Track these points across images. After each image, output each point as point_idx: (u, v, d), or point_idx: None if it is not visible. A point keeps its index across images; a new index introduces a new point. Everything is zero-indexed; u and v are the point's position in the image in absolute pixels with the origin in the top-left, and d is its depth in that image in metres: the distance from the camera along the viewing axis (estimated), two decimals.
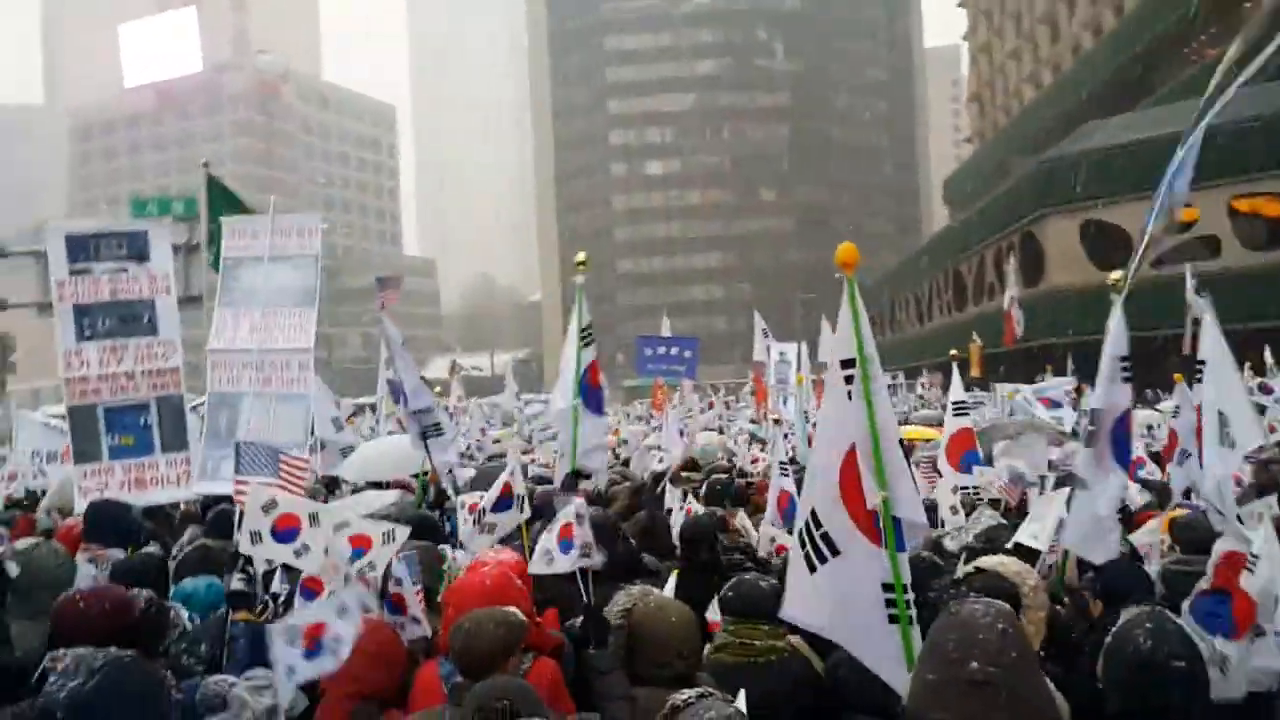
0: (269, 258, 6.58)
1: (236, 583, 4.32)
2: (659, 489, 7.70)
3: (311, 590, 4.05)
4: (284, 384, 6.34)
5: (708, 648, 3.87)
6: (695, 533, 5.60)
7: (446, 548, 5.30)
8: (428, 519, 6.13)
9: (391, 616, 4.01)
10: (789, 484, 6.51)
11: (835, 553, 3.32)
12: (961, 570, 4.00)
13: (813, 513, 3.40)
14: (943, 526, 6.24)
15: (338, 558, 3.80)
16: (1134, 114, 39.27)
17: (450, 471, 7.63)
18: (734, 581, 3.95)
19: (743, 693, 2.69)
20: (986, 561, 3.95)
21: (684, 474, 9.22)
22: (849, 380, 3.29)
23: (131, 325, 6.38)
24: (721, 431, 16.55)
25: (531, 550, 4.66)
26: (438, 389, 17.15)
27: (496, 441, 18.08)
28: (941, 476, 7.61)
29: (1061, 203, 37.13)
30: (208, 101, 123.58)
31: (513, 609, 3.49)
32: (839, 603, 3.32)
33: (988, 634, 2.23)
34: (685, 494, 7.18)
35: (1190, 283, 13.85)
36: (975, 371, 25.18)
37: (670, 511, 6.84)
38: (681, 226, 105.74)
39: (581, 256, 7.90)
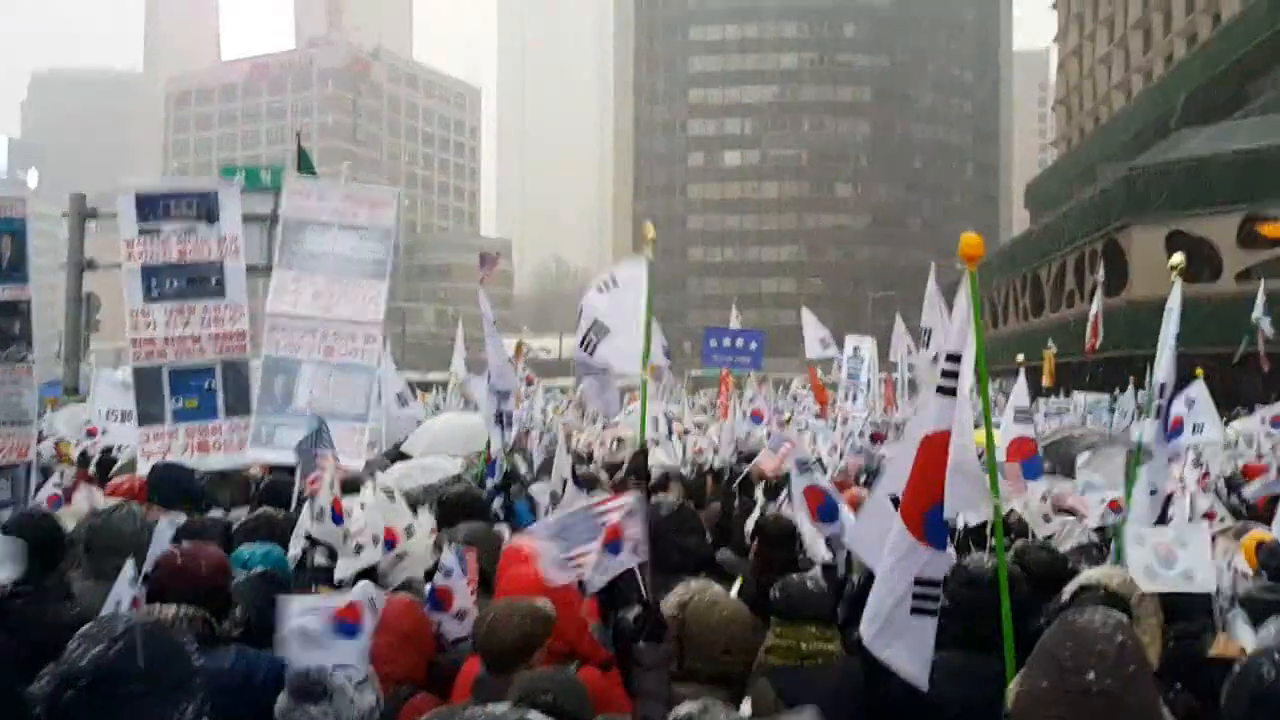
0: (339, 225, 6.47)
1: (320, 557, 4.19)
2: (733, 483, 7.49)
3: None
4: (347, 354, 6.30)
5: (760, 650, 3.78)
6: (775, 530, 5.26)
7: (504, 528, 5.15)
8: (475, 498, 5.93)
9: (434, 613, 3.82)
10: (818, 479, 6.40)
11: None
12: (1068, 592, 3.80)
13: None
14: (1033, 538, 5.81)
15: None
16: (1227, 125, 38.00)
17: (515, 452, 7.44)
18: (781, 582, 3.85)
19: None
20: (1090, 576, 3.83)
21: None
22: (953, 375, 3.18)
23: (199, 287, 6.26)
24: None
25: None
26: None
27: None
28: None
29: (1148, 212, 36.13)
30: (299, 76, 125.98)
31: (544, 602, 3.33)
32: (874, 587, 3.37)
33: (1106, 645, 2.24)
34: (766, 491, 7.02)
35: (1260, 300, 13.45)
36: (1046, 380, 24.62)
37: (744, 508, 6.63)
38: (756, 219, 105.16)
39: (650, 233, 7.81)
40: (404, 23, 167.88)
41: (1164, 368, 4.99)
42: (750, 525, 5.74)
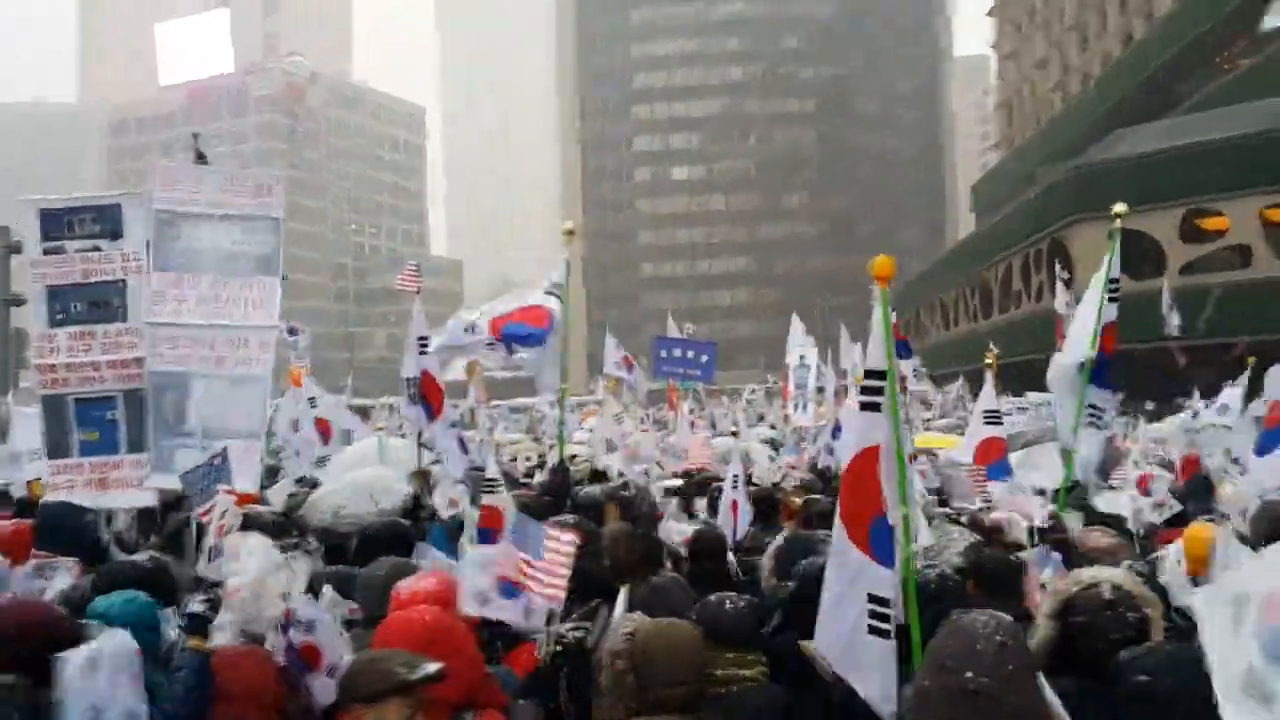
0: (219, 215, 5.87)
1: (197, 604, 3.78)
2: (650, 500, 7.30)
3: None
4: (239, 364, 5.77)
5: None
6: (703, 544, 5.17)
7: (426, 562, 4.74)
8: (400, 531, 5.44)
9: (300, 675, 3.38)
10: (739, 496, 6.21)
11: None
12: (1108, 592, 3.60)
13: None
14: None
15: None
16: (1164, 122, 38.61)
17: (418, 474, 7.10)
18: (700, 603, 3.69)
19: None
20: (1083, 576, 3.62)
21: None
22: (877, 392, 3.25)
23: (101, 310, 5.72)
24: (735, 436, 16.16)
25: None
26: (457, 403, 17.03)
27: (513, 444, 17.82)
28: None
29: (1090, 210, 36.52)
30: (236, 102, 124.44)
31: (429, 662, 2.83)
32: (829, 613, 3.28)
33: (986, 645, 2.25)
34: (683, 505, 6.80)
35: (1166, 298, 13.64)
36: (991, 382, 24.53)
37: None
38: (706, 231, 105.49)
39: (569, 225, 7.63)
40: (343, 45, 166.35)
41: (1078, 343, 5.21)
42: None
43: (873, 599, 3.14)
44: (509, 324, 8.11)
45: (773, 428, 17.94)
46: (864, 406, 3.29)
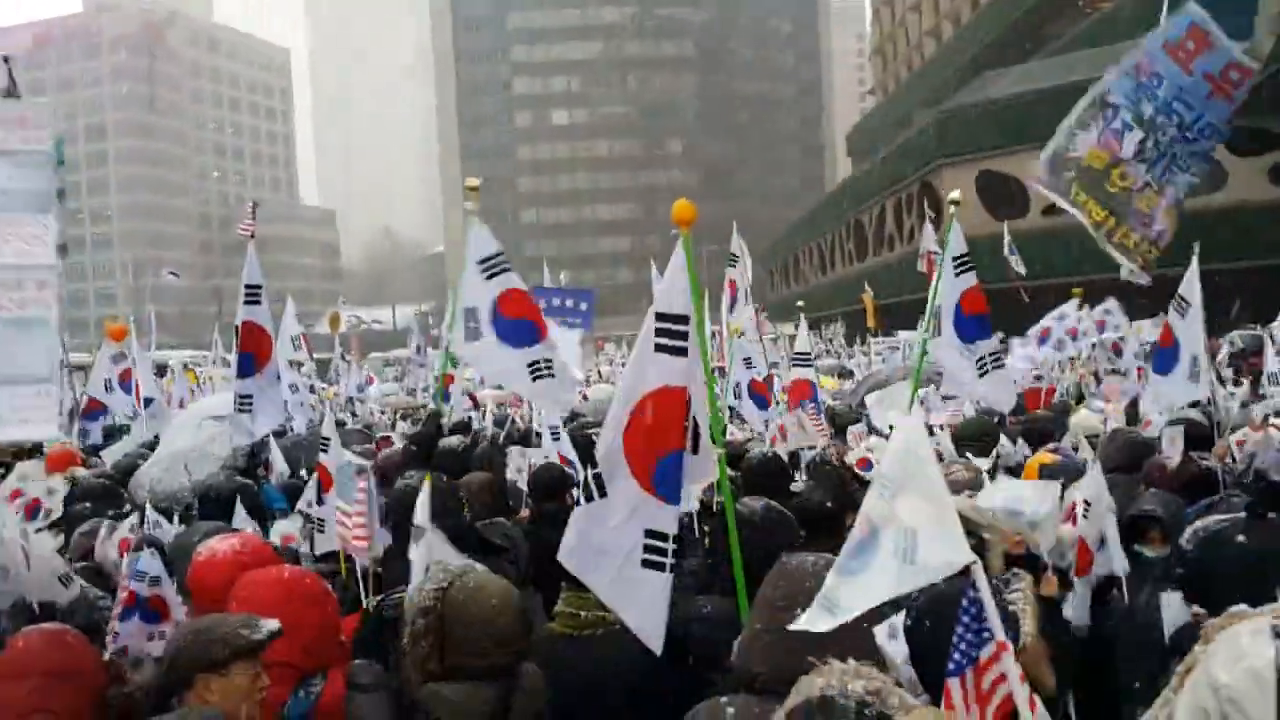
0: None
1: None
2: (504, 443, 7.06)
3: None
4: (17, 306, 5.29)
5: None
6: (545, 480, 5.12)
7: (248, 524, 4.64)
8: (226, 490, 5.21)
9: (147, 625, 3.24)
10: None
11: (602, 494, 3.29)
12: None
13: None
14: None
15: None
16: (1029, 65, 39.56)
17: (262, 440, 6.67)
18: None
19: None
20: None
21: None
22: (679, 336, 3.26)
23: None
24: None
25: None
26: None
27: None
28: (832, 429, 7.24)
29: (958, 154, 37.29)
30: (88, 44, 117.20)
31: (267, 621, 2.72)
32: (597, 546, 3.29)
33: (815, 583, 2.15)
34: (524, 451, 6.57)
35: (1006, 239, 14.28)
36: (870, 322, 25.10)
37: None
38: (589, 178, 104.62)
39: (473, 181, 7.21)
40: None
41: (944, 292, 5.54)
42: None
43: (650, 534, 3.21)
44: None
45: None
46: (660, 349, 3.27)
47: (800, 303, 13.10)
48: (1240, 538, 3.66)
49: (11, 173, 5.19)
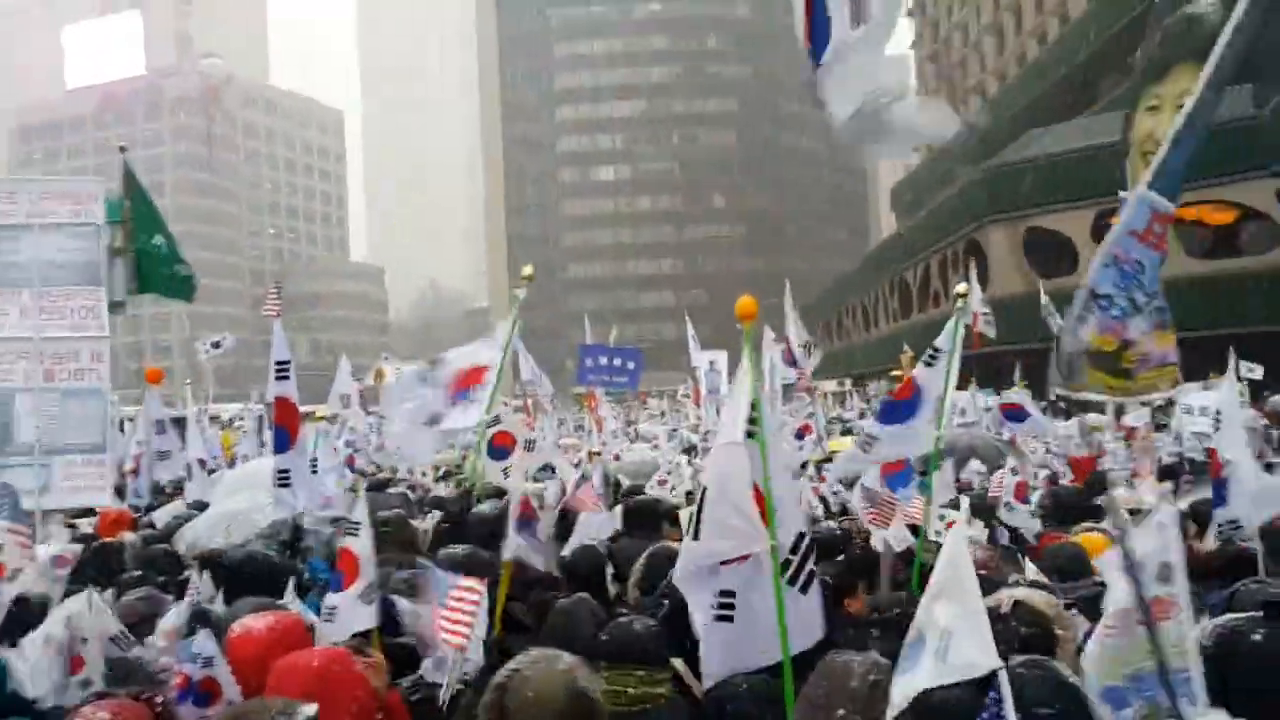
0: (39, 225, 5.60)
1: None
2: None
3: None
4: (72, 376, 5.47)
5: None
6: (582, 565, 4.98)
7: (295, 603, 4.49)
8: (267, 564, 5.15)
9: (199, 709, 3.18)
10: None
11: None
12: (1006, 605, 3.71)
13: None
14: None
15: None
16: (1077, 121, 39.32)
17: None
18: (610, 624, 3.66)
19: None
20: (1018, 592, 3.79)
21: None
22: (753, 422, 3.41)
23: None
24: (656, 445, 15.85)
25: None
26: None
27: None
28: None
29: (1004, 210, 37.03)
30: (150, 105, 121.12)
31: (305, 706, 2.66)
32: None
33: (860, 685, 2.38)
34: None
35: (1044, 300, 13.97)
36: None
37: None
38: (631, 232, 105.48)
39: (527, 270, 7.40)
40: (259, 48, 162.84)
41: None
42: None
43: (722, 593, 3.46)
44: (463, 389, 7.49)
45: (693, 430, 17.62)
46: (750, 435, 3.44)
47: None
48: (1256, 636, 3.51)
49: (63, 244, 5.43)
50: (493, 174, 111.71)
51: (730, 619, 3.46)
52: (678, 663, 3.62)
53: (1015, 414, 9.66)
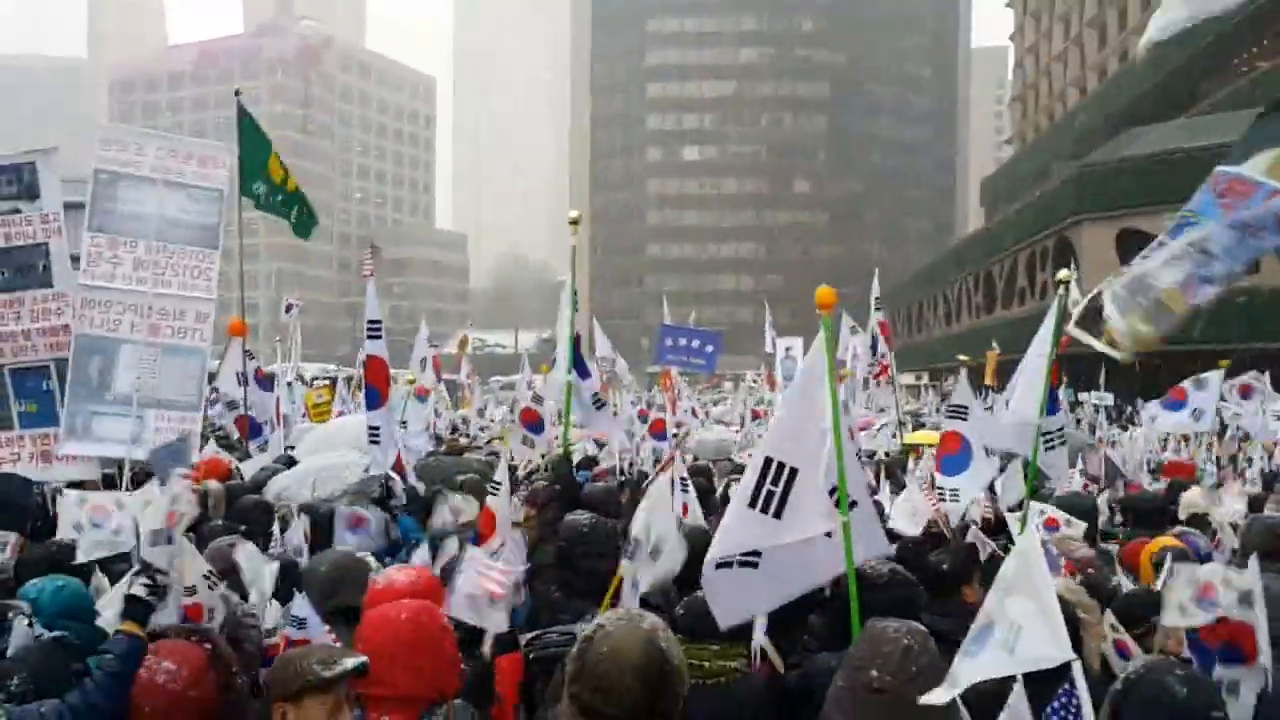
0: (163, 181, 5.70)
1: (139, 588, 3.43)
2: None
3: None
4: (175, 334, 5.61)
5: None
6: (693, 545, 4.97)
7: (371, 560, 4.52)
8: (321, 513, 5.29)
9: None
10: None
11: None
12: None
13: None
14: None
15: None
16: (1178, 123, 38.12)
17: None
18: (686, 599, 3.76)
19: None
20: None
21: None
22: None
23: (28, 276, 5.51)
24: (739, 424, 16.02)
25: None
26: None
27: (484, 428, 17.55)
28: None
29: (1099, 209, 36.13)
30: (248, 64, 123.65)
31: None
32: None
33: (892, 647, 2.51)
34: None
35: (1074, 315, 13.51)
36: (989, 380, 24.33)
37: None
38: (715, 215, 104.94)
39: (574, 214, 7.50)
40: (356, 11, 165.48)
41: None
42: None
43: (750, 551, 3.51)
44: None
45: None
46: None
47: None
48: None
49: (184, 205, 5.59)
50: (578, 149, 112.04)
51: (755, 565, 3.49)
52: (763, 639, 3.72)
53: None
